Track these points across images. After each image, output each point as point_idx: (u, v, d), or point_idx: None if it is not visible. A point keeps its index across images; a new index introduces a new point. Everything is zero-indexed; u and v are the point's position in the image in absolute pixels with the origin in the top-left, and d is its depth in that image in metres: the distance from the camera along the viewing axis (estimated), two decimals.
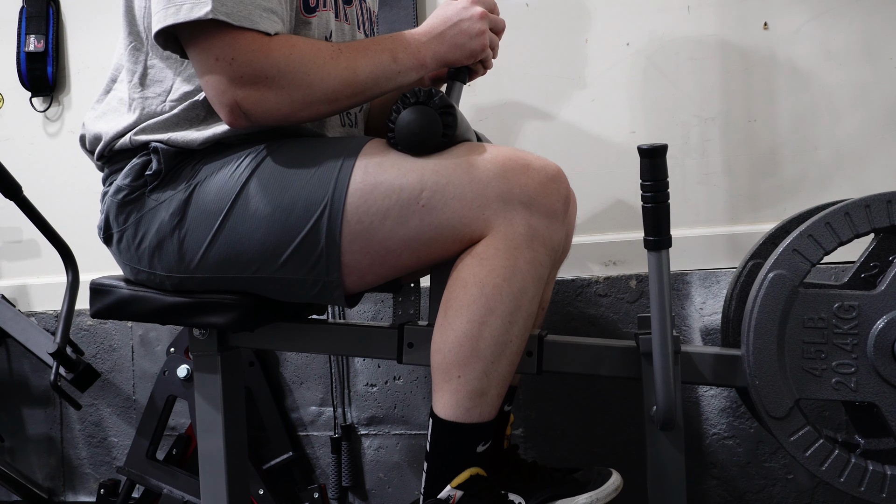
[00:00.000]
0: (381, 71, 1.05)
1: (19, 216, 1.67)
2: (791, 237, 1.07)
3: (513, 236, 1.00)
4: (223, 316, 1.10)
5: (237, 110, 1.00)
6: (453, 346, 1.01)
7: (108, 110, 1.14)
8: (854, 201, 1.06)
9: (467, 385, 1.01)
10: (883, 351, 1.04)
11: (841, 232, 1.06)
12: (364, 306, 1.70)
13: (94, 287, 1.18)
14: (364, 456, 1.72)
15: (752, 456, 1.53)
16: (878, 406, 1.06)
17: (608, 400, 1.59)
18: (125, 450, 1.80)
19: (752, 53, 1.55)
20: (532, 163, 1.02)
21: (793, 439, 1.06)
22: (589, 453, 1.59)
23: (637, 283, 1.58)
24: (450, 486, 1.02)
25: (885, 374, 1.05)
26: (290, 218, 1.02)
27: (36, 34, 1.89)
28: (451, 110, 1.03)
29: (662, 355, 1.05)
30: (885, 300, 1.05)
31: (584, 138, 1.63)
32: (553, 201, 1.02)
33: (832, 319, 1.06)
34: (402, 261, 1.04)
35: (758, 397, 1.07)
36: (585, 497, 1.19)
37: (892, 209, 1.05)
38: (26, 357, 1.92)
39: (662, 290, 1.03)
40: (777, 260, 1.07)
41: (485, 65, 1.19)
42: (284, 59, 0.99)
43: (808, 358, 1.06)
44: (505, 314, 1.00)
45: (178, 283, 1.11)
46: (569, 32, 1.64)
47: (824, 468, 1.06)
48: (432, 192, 1.00)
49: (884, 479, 1.05)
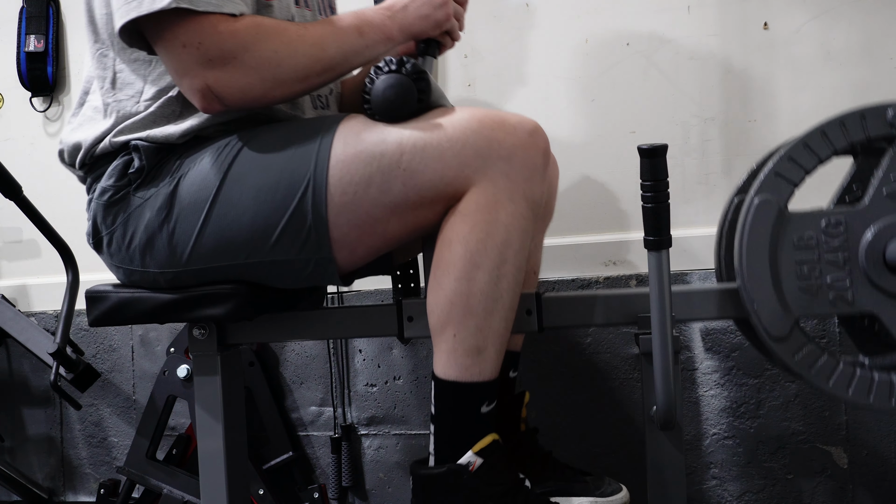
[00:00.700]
0: (348, 46, 1.07)
1: (19, 216, 1.67)
2: (772, 162, 1.08)
3: (493, 191, 1.01)
4: (221, 307, 1.10)
5: (209, 94, 1.01)
6: (445, 306, 1.02)
7: (84, 121, 1.15)
8: (829, 120, 1.07)
9: (463, 343, 1.02)
10: (875, 261, 1.05)
11: (819, 150, 1.07)
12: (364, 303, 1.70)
13: (90, 295, 1.17)
14: (364, 456, 1.72)
15: (752, 456, 1.53)
16: (877, 315, 1.06)
17: (608, 400, 1.59)
18: (125, 450, 1.80)
19: (752, 53, 1.55)
20: (508, 118, 1.03)
21: (797, 358, 1.06)
22: (588, 453, 1.59)
23: (637, 282, 1.58)
24: (471, 452, 1.02)
25: (879, 283, 1.05)
26: (276, 197, 1.03)
27: (36, 34, 1.89)
28: (423, 76, 1.04)
29: (662, 355, 1.05)
30: (870, 211, 1.06)
31: (584, 138, 1.63)
32: (532, 155, 1.02)
33: (821, 237, 1.07)
34: (391, 229, 1.05)
35: (758, 321, 1.06)
36: (589, 501, 1.20)
37: (867, 123, 1.06)
38: (26, 357, 1.92)
39: (662, 290, 1.03)
40: (761, 185, 1.07)
41: (452, 36, 1.20)
42: (251, 37, 1.00)
43: (802, 277, 1.07)
44: (491, 268, 1.01)
45: (172, 279, 1.11)
46: (569, 32, 1.64)
47: (831, 383, 1.06)
48: (412, 154, 1.01)
49: (891, 388, 1.05)
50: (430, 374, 1.06)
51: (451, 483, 1.01)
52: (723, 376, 1.53)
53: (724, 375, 1.53)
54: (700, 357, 1.55)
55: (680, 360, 1.12)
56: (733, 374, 1.53)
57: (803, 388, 1.50)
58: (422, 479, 1.04)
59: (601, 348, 1.60)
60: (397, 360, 1.69)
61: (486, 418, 1.04)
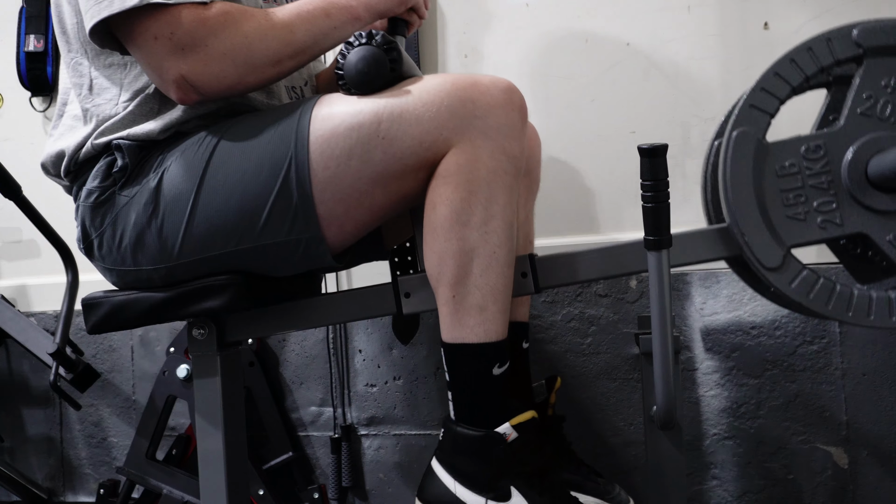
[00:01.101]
0: (317, 29, 1.08)
1: (19, 216, 1.67)
2: (745, 95, 1.08)
3: (472, 150, 1.02)
4: (217, 299, 1.10)
5: (184, 84, 1.02)
6: (439, 268, 1.03)
7: (65, 130, 1.15)
8: (796, 47, 1.07)
9: (463, 302, 1.03)
10: (858, 179, 1.05)
11: (790, 78, 1.07)
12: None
13: (86, 303, 1.16)
14: (364, 456, 1.72)
15: (752, 456, 1.53)
16: (867, 234, 1.06)
17: (608, 399, 1.59)
18: (125, 450, 1.80)
19: (752, 53, 1.55)
20: (481, 80, 1.04)
21: (794, 285, 1.06)
22: (589, 453, 1.59)
23: (637, 283, 1.58)
24: (508, 424, 1.03)
25: (865, 201, 1.05)
26: (260, 180, 1.03)
27: (36, 34, 1.89)
28: (393, 45, 1.05)
29: (662, 355, 1.05)
30: (847, 132, 1.06)
31: (584, 138, 1.63)
32: (508, 112, 1.03)
33: (802, 163, 1.07)
34: (377, 201, 1.05)
35: (751, 254, 1.06)
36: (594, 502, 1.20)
37: (833, 46, 1.06)
38: (26, 357, 1.92)
39: (662, 290, 1.03)
40: (737, 119, 1.07)
41: (419, 14, 1.21)
42: (221, 24, 1.01)
43: (789, 205, 1.07)
44: (479, 224, 1.02)
45: (165, 275, 1.11)
46: (569, 32, 1.64)
47: (830, 307, 1.06)
48: (389, 122, 1.02)
49: (890, 304, 1.05)
50: (430, 374, 1.06)
51: (484, 449, 1.03)
52: (723, 376, 1.53)
53: (724, 375, 1.53)
54: (700, 357, 1.55)
55: (680, 360, 1.12)
56: (733, 375, 1.53)
57: (804, 389, 1.50)
58: (454, 436, 1.05)
59: (601, 348, 1.60)
60: (397, 360, 1.69)
61: (499, 380, 1.04)
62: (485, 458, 1.03)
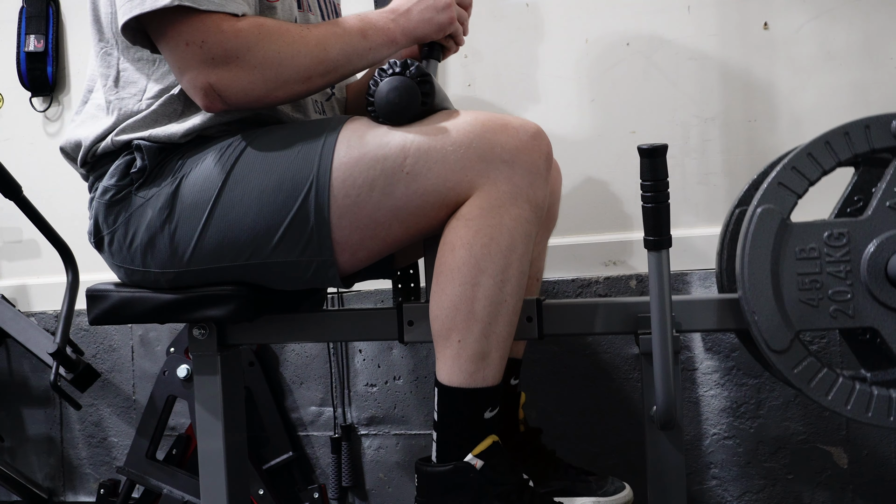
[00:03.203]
0: (351, 48, 1.07)
1: (19, 216, 1.67)
2: (775, 172, 1.07)
3: (496, 195, 1.00)
4: (221, 308, 1.10)
5: (212, 93, 1.01)
6: (449, 311, 1.01)
7: (87, 118, 1.15)
8: (833, 130, 1.06)
9: (467, 349, 1.01)
10: (876, 274, 1.04)
11: (823, 161, 1.06)
12: (364, 304, 1.70)
13: (90, 294, 1.17)
14: (364, 456, 1.72)
15: (752, 456, 1.53)
16: (877, 330, 1.05)
17: (608, 400, 1.59)
18: (125, 450, 1.80)
19: (752, 53, 1.55)
20: (511, 122, 1.03)
21: (797, 371, 1.06)
22: (589, 453, 1.59)
23: (637, 283, 1.58)
24: (471, 455, 1.02)
25: (881, 297, 1.04)
26: (278, 199, 1.03)
27: (36, 34, 1.89)
28: (427, 78, 1.04)
29: (662, 355, 1.05)
30: (873, 224, 1.05)
31: (584, 138, 1.63)
32: (535, 158, 1.02)
33: (823, 249, 1.06)
34: (393, 233, 1.05)
35: (758, 333, 1.06)
36: (592, 501, 1.20)
37: (871, 134, 1.05)
38: (26, 357, 1.92)
39: (662, 290, 1.03)
40: (763, 195, 1.07)
41: (456, 40, 1.20)
42: (254, 37, 1.00)
43: (803, 289, 1.06)
44: (496, 273, 1.00)
45: (173, 279, 1.11)
46: (569, 32, 1.64)
47: (830, 398, 1.05)
48: (415, 158, 1.01)
49: (890, 404, 1.04)
50: (430, 374, 1.06)
51: (457, 481, 1.01)
52: (723, 376, 1.53)
53: (724, 375, 1.53)
54: (700, 357, 1.55)
55: (680, 360, 1.12)
56: (733, 374, 1.53)
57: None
58: (427, 477, 1.04)
59: (601, 348, 1.60)
60: (397, 360, 1.69)
61: (489, 424, 1.04)
62: (460, 490, 1.01)
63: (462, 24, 1.19)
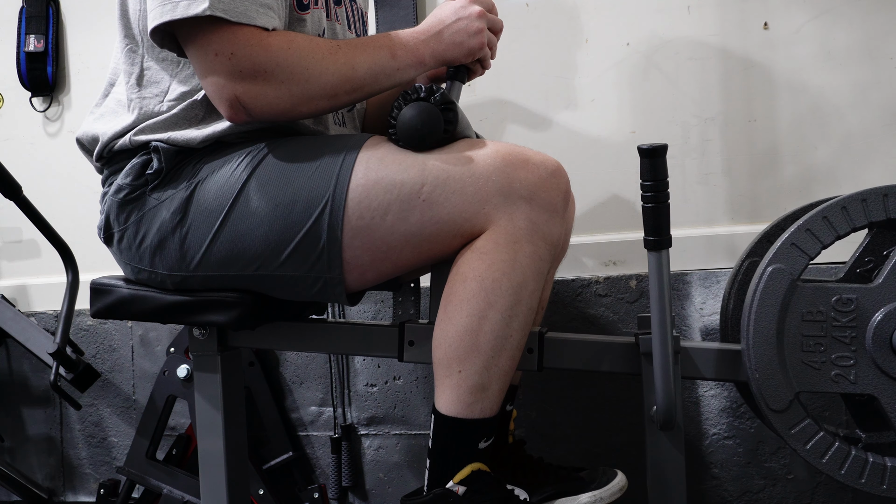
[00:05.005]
0: (379, 67, 1.06)
1: (19, 216, 1.67)
2: (789, 231, 1.07)
3: (513, 231, 1.00)
4: (224, 314, 1.10)
5: (237, 105, 1.01)
6: (454, 341, 1.01)
7: (107, 112, 1.14)
8: (851, 195, 1.06)
9: (468, 380, 1.01)
10: (881, 343, 1.05)
11: (838, 226, 1.06)
12: (364, 306, 1.70)
13: (95, 287, 1.18)
14: (364, 456, 1.72)
15: (752, 456, 1.53)
16: (877, 398, 1.06)
17: (608, 400, 1.59)
18: (125, 450, 1.80)
19: (752, 53, 1.55)
20: (532, 158, 1.03)
21: (793, 432, 1.07)
22: (589, 454, 1.59)
23: (637, 283, 1.58)
24: (452, 482, 1.02)
25: (883, 366, 1.05)
26: (292, 214, 1.03)
27: (36, 34, 1.89)
28: (451, 106, 1.03)
29: (662, 355, 1.05)
30: (882, 293, 1.06)
31: (583, 138, 1.63)
32: (553, 196, 1.02)
33: (830, 312, 1.06)
34: (404, 257, 1.04)
35: (758, 390, 1.07)
36: (588, 496, 1.19)
37: (889, 203, 1.05)
38: (26, 357, 1.92)
39: (662, 290, 1.03)
40: (776, 254, 1.07)
41: (483, 64, 1.19)
42: (283, 53, 1.00)
43: (807, 351, 1.07)
44: (505, 308, 1.00)
45: (179, 282, 1.11)
46: (569, 32, 1.64)
47: (825, 461, 1.06)
48: (433, 186, 1.00)
49: (884, 471, 1.05)
50: (429, 374, 1.06)
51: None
52: None
53: None
54: None
55: (680, 360, 1.12)
56: None
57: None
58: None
59: None
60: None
61: (482, 454, 1.04)
62: None
63: (491, 49, 1.17)
